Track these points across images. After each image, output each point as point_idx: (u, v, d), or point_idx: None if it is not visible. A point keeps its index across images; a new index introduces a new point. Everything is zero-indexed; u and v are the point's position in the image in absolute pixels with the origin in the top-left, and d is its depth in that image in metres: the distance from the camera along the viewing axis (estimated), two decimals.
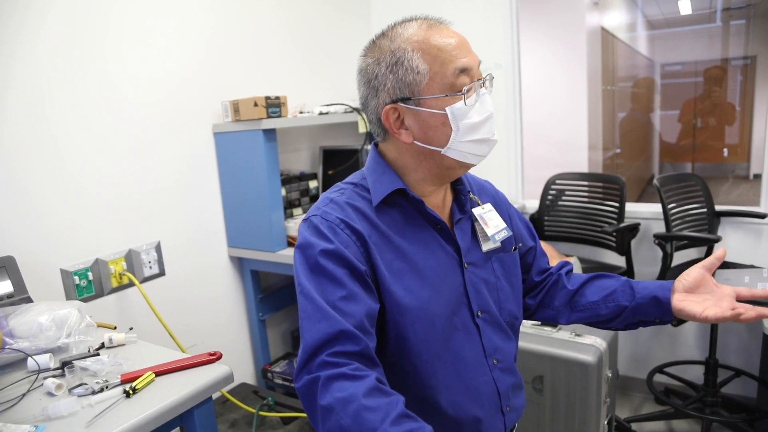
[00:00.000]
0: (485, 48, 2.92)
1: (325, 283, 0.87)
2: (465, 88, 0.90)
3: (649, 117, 6.27)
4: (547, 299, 1.18)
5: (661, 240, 2.29)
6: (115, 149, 1.89)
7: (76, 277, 1.76)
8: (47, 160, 1.70)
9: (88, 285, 1.80)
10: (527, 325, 2.08)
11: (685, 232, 2.46)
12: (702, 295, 1.00)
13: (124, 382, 1.14)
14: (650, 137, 6.39)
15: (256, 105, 2.10)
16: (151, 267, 2.00)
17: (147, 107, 1.99)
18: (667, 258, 2.29)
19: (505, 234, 1.07)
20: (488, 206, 1.09)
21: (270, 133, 2.16)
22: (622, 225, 2.47)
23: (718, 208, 2.55)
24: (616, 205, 2.60)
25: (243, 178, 2.23)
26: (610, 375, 1.95)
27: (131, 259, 1.94)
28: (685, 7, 5.81)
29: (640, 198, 5.37)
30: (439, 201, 1.04)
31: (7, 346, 1.23)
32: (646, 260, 2.66)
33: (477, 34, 2.93)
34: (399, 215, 0.98)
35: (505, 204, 1.19)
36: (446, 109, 0.90)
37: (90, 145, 1.81)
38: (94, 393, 1.10)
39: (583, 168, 3.84)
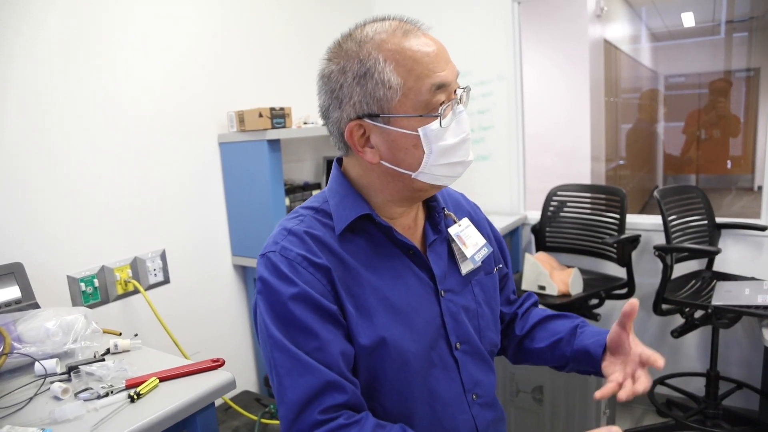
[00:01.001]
0: (487, 59, 2.96)
1: (297, 333, 0.79)
2: (441, 108, 0.80)
3: (653, 128, 6.29)
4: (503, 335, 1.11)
5: (661, 252, 2.31)
6: (121, 158, 1.93)
7: (83, 284, 1.79)
8: (55, 170, 1.73)
9: (93, 292, 1.82)
10: None
11: (685, 244, 2.48)
12: (620, 357, 0.91)
13: (128, 387, 1.16)
14: (654, 148, 6.41)
15: (260, 116, 2.14)
16: (155, 275, 2.03)
17: (153, 117, 2.03)
18: (667, 270, 2.30)
19: (485, 252, 0.98)
20: (465, 221, 1.00)
21: (274, 144, 2.19)
22: (622, 236, 2.48)
23: (718, 220, 2.56)
24: (617, 216, 2.62)
25: (247, 187, 2.27)
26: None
27: (136, 266, 1.96)
28: (688, 20, 5.85)
29: (644, 209, 5.39)
30: (410, 221, 0.94)
31: (15, 351, 1.25)
32: (647, 272, 2.67)
33: (479, 45, 2.97)
34: (366, 243, 0.88)
35: (483, 220, 1.09)
36: (419, 130, 0.80)
37: (96, 153, 1.85)
38: (99, 397, 1.12)
39: (586, 179, 3.85)
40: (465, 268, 0.96)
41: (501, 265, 1.08)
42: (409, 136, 0.81)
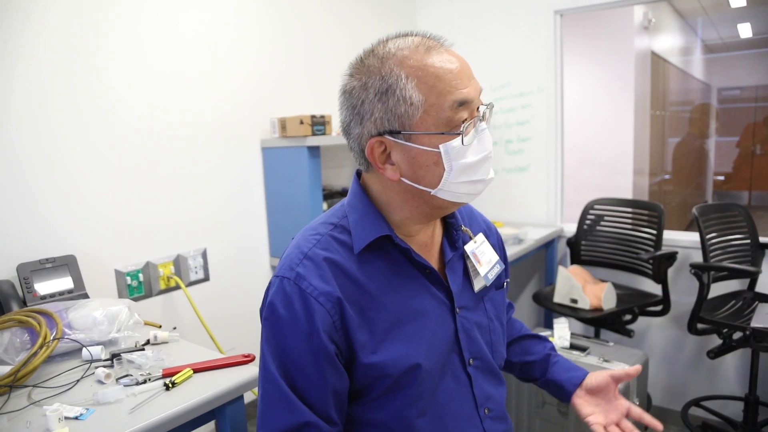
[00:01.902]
0: (528, 70, 2.97)
1: (292, 370, 0.81)
2: (464, 126, 0.79)
3: (703, 143, 6.10)
4: None
5: (697, 270, 2.25)
6: (168, 161, 2.04)
7: (128, 278, 1.90)
8: (108, 172, 1.86)
9: (138, 285, 1.94)
10: (556, 348, 2.09)
11: (724, 263, 2.41)
12: (598, 400, 1.05)
13: (164, 376, 1.24)
14: (704, 163, 6.21)
15: (301, 123, 2.22)
16: (197, 272, 2.13)
17: (200, 120, 2.14)
18: (703, 288, 2.25)
19: (498, 270, 0.99)
20: (480, 238, 1.00)
21: (314, 150, 2.27)
22: (658, 253, 2.44)
23: (762, 239, 2.48)
24: (654, 232, 2.57)
25: (287, 192, 2.35)
26: (637, 403, 1.94)
27: (179, 263, 2.07)
28: (745, 31, 5.65)
29: (690, 226, 5.22)
30: (427, 238, 0.94)
31: (66, 336, 1.36)
32: (685, 290, 2.61)
33: (520, 56, 2.98)
34: (383, 263, 0.88)
35: (495, 233, 1.10)
36: (440, 147, 0.79)
37: (145, 156, 1.97)
38: (137, 384, 1.21)
39: (628, 193, 3.79)
40: (477, 285, 0.96)
41: (509, 280, 1.09)
42: (430, 153, 0.80)
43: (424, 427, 0.87)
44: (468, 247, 0.97)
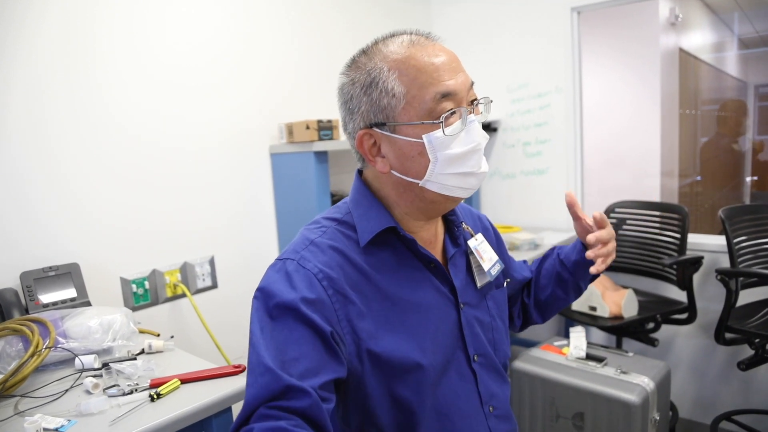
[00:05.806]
0: (545, 71, 2.89)
1: (280, 338, 0.77)
2: (443, 116, 0.80)
3: (740, 142, 5.86)
4: (525, 314, 1.21)
5: (724, 276, 2.13)
6: (175, 166, 2.03)
7: (134, 285, 1.90)
8: (112, 178, 1.86)
9: (144, 293, 1.93)
10: (570, 359, 2.00)
11: (754, 269, 2.28)
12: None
13: (152, 386, 1.22)
14: (741, 164, 5.96)
15: (308, 128, 2.19)
16: (204, 279, 2.12)
17: (207, 125, 2.13)
18: (731, 295, 2.12)
19: (499, 268, 1.00)
20: (480, 237, 1.02)
21: (321, 155, 2.24)
22: (682, 258, 2.32)
23: None
24: (678, 236, 2.45)
25: (296, 198, 2.33)
26: (658, 418, 1.84)
27: (186, 271, 2.06)
28: None
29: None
30: (431, 235, 0.95)
31: (59, 345, 1.35)
32: (714, 297, 2.47)
33: (537, 56, 2.91)
34: (389, 256, 0.89)
35: (492, 231, 1.13)
36: (423, 137, 0.81)
37: (151, 161, 1.96)
38: (124, 394, 1.19)
39: (655, 195, 3.64)
40: (481, 282, 0.98)
41: (509, 280, 1.11)
42: (415, 144, 0.82)
43: (429, 423, 0.87)
44: (471, 243, 0.99)
